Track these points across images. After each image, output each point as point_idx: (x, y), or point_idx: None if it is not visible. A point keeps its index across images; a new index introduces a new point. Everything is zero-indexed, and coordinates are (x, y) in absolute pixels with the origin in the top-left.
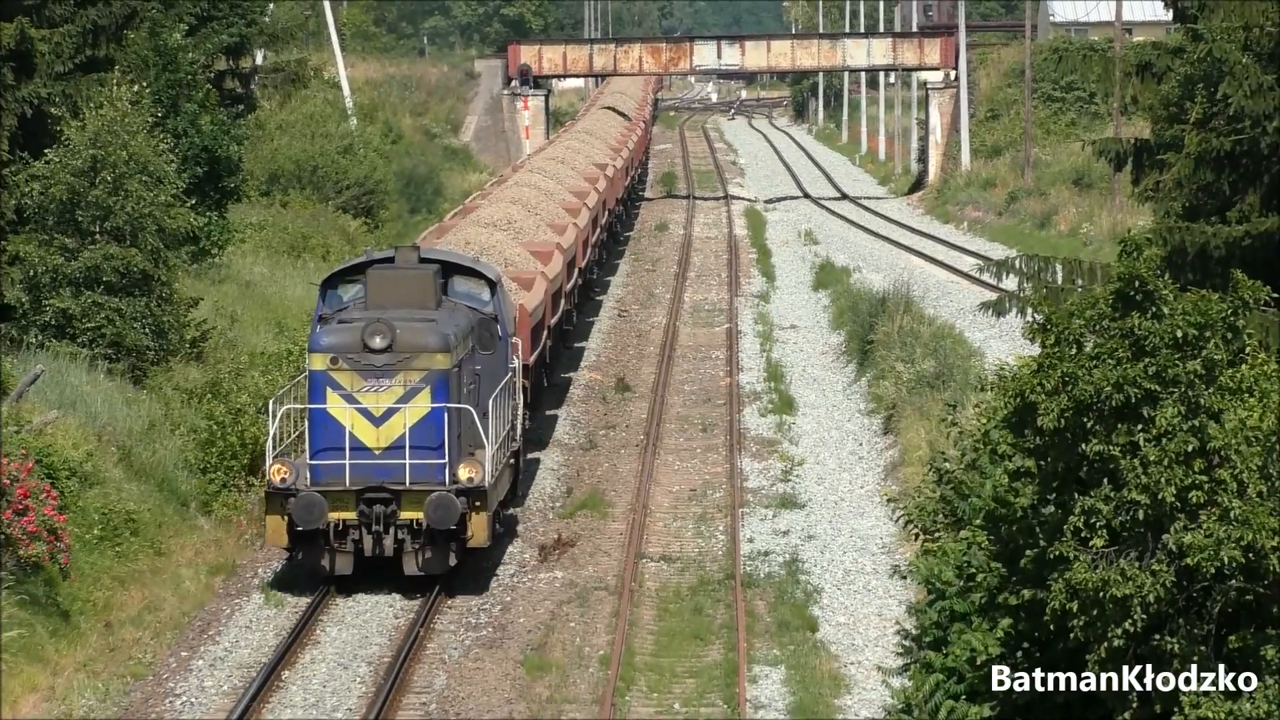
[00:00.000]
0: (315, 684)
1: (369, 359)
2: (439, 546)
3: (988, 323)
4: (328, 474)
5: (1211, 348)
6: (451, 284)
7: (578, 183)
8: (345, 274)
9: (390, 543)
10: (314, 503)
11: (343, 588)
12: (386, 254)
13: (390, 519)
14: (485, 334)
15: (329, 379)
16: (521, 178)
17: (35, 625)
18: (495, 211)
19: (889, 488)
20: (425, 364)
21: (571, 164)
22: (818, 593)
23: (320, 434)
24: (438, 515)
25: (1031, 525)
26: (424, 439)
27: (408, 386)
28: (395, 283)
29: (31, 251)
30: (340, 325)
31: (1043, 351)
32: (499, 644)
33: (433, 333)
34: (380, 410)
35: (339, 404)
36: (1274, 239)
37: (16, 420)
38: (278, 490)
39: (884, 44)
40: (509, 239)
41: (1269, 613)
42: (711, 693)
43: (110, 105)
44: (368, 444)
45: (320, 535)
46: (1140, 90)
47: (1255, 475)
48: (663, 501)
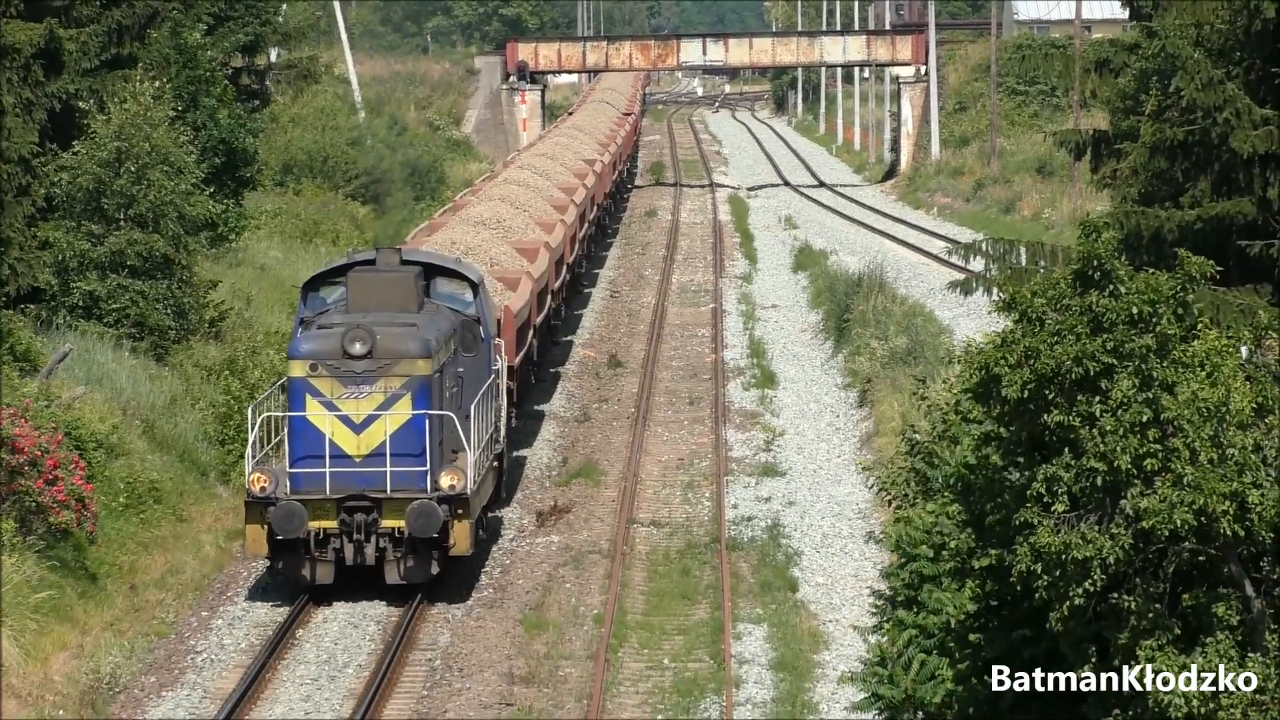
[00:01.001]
0: (327, 641)
1: (349, 365)
2: (421, 555)
3: (956, 301)
4: (308, 482)
5: (1164, 324)
6: (434, 286)
7: (566, 179)
8: (327, 276)
9: (372, 551)
10: (294, 512)
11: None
12: (368, 255)
13: (371, 527)
14: (468, 336)
15: (308, 386)
16: (511, 175)
17: (65, 587)
18: (484, 210)
19: (864, 457)
20: (406, 370)
21: (561, 160)
22: (798, 555)
23: (300, 442)
24: (419, 524)
25: (998, 490)
26: (405, 446)
27: (388, 393)
28: (377, 285)
29: (60, 237)
30: (320, 331)
31: (1007, 327)
32: (499, 604)
33: (413, 338)
34: (361, 417)
35: (319, 411)
36: (1224, 223)
37: (46, 395)
38: (257, 499)
39: (859, 41)
40: (496, 238)
41: (1220, 573)
42: (699, 649)
43: (134, 100)
44: (348, 451)
45: (301, 544)
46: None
47: (1206, 444)
48: (652, 470)
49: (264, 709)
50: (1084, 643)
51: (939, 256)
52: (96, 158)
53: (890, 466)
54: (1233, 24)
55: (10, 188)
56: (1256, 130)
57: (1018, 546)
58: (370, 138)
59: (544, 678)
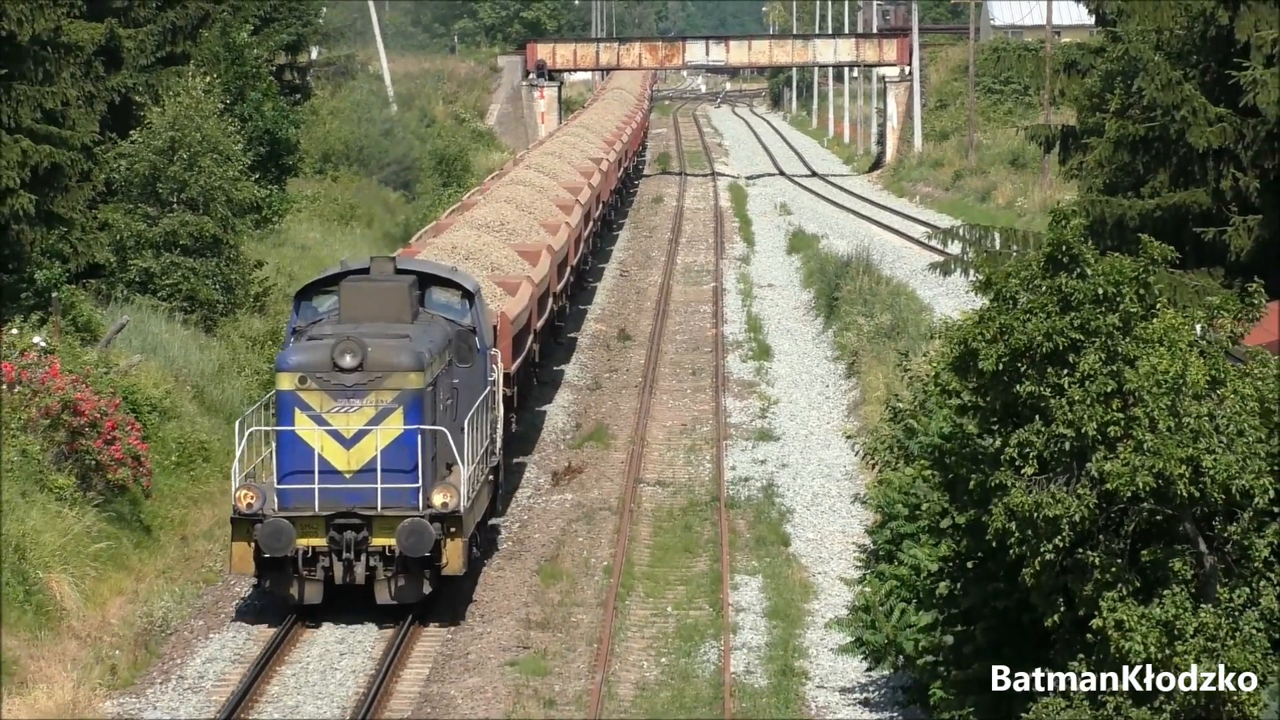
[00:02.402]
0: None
1: (339, 378)
2: (412, 574)
3: (936, 282)
4: (296, 498)
5: (1127, 303)
6: (429, 295)
7: (573, 179)
8: (320, 285)
9: (361, 570)
10: (281, 529)
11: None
12: (362, 264)
13: (361, 546)
14: (463, 346)
15: (297, 399)
16: (519, 174)
17: (121, 538)
18: (488, 212)
19: (850, 425)
20: (398, 384)
21: (568, 159)
22: (790, 513)
23: (288, 457)
24: (411, 542)
25: (974, 455)
26: (396, 462)
27: (379, 407)
28: (370, 295)
29: (119, 219)
30: (309, 343)
31: (983, 306)
32: (518, 556)
33: (405, 351)
34: (351, 432)
35: (308, 425)
36: (1181, 211)
37: (106, 363)
38: (244, 516)
39: (849, 44)
40: (499, 241)
41: (1176, 531)
42: (699, 598)
43: (186, 94)
44: (338, 467)
45: (288, 562)
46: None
47: (1165, 413)
48: (658, 435)
49: (303, 646)
50: (1053, 594)
51: (920, 241)
52: (152, 146)
53: (874, 434)
54: (1190, 30)
55: (73, 173)
56: (1211, 127)
57: (993, 507)
58: (401, 129)
59: (558, 623)
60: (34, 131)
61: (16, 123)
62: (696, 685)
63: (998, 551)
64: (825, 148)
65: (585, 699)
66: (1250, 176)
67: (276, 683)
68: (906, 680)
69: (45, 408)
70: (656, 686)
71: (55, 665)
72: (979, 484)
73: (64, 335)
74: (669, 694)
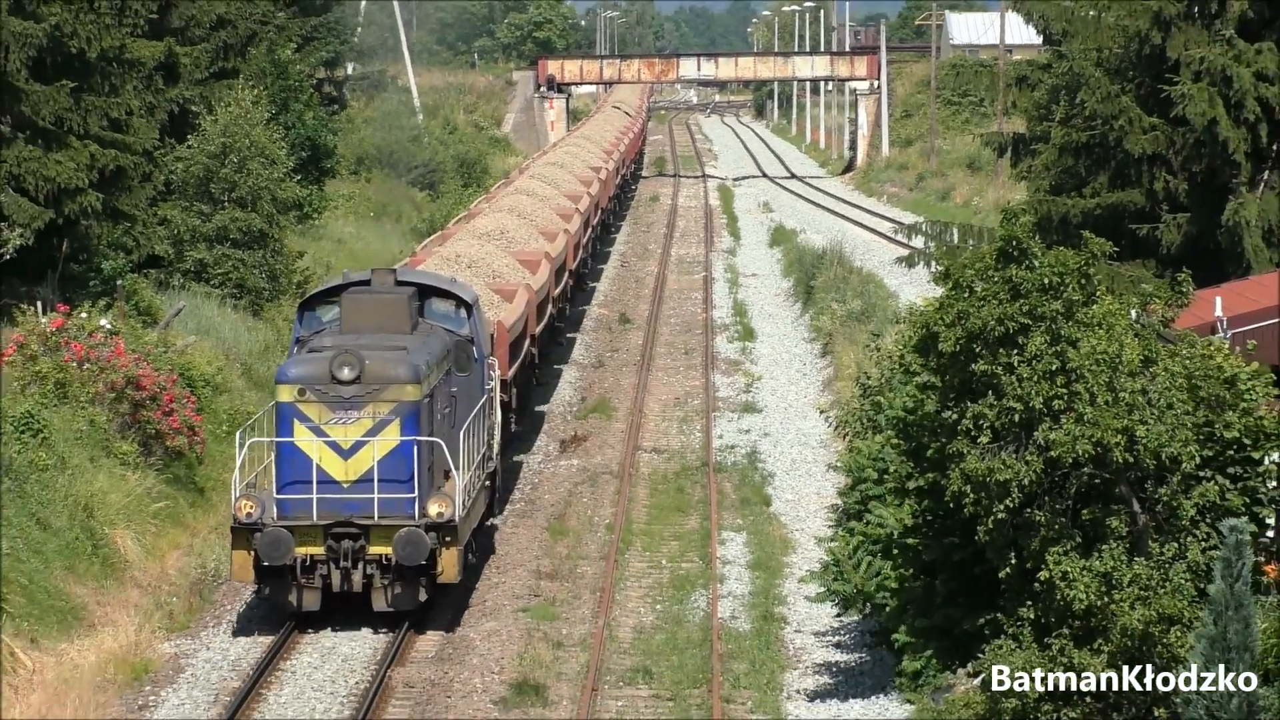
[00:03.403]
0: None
1: (337, 390)
2: (409, 582)
3: (901, 272)
4: (295, 508)
5: (1070, 291)
6: (429, 305)
7: (573, 187)
8: (323, 296)
9: (359, 578)
10: (280, 539)
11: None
12: (363, 276)
13: (359, 554)
14: (462, 355)
15: (296, 411)
16: (521, 184)
17: (178, 498)
18: (489, 222)
19: (824, 399)
20: (395, 395)
21: (569, 168)
22: (771, 477)
23: (287, 467)
24: (407, 551)
25: (934, 427)
26: (393, 472)
27: (376, 418)
28: (370, 306)
29: (176, 215)
30: (308, 356)
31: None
32: (530, 515)
33: (402, 363)
34: (349, 443)
35: (307, 436)
36: (1118, 210)
37: (164, 343)
38: (243, 525)
39: (824, 61)
40: (499, 250)
41: (1113, 493)
42: (691, 552)
43: (236, 104)
44: (336, 477)
45: (287, 571)
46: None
47: (1103, 388)
48: (654, 407)
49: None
50: (1004, 549)
51: (887, 235)
52: (206, 151)
53: (846, 407)
54: (1127, 49)
55: (136, 175)
56: (1145, 135)
57: (950, 471)
58: (427, 136)
59: (565, 574)
60: (101, 138)
61: (86, 130)
62: (688, 629)
63: (955, 511)
64: (803, 153)
65: (589, 641)
66: (1179, 179)
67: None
68: (874, 625)
69: (111, 383)
70: (652, 630)
71: (120, 611)
72: (938, 451)
73: (127, 318)
74: (663, 637)
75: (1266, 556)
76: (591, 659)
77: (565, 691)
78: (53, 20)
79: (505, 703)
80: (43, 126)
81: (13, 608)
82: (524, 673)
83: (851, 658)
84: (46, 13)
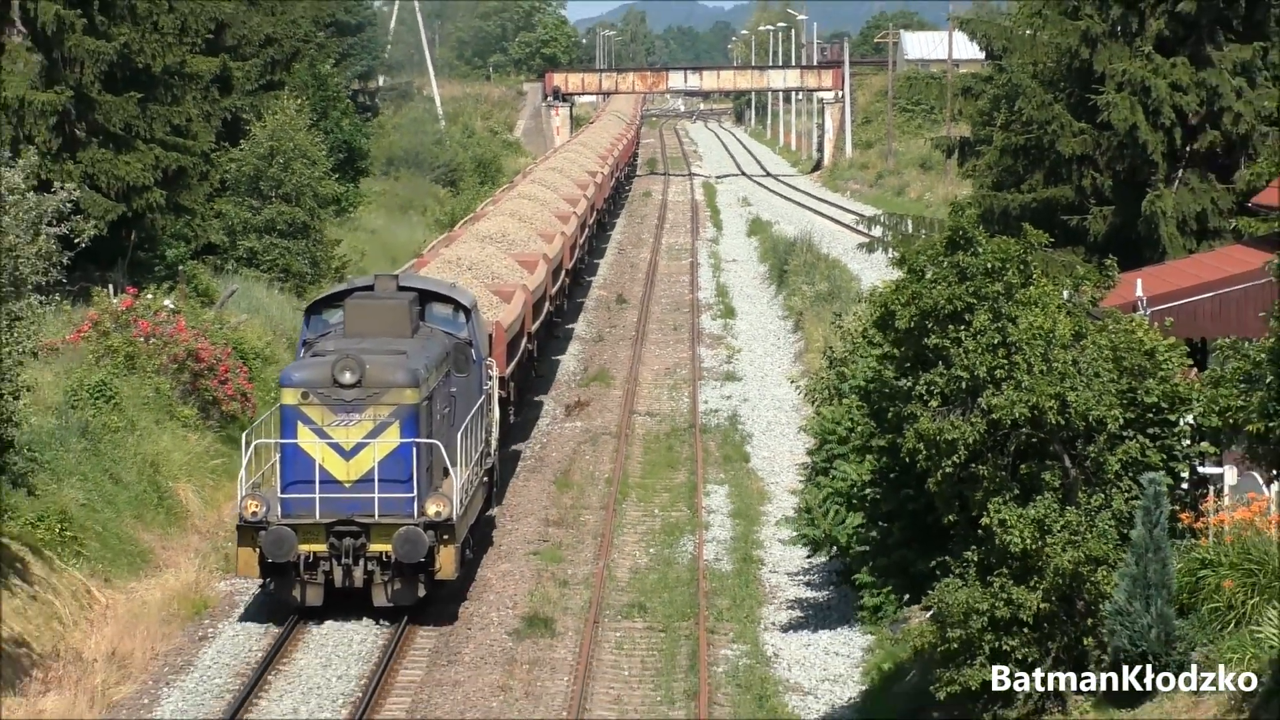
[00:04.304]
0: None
1: (339, 394)
2: (408, 578)
3: (862, 258)
4: (298, 507)
5: (1010, 275)
6: (429, 310)
7: (571, 190)
8: (328, 301)
9: (360, 574)
10: (284, 537)
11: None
12: (367, 282)
13: (360, 551)
14: (460, 357)
15: (300, 413)
16: (523, 189)
17: (232, 456)
18: (492, 225)
19: (795, 370)
20: (394, 399)
21: (568, 173)
22: (749, 437)
23: (291, 467)
24: (406, 550)
25: (892, 393)
26: (393, 473)
27: (377, 421)
28: (372, 312)
29: (229, 209)
30: (311, 360)
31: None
32: (539, 470)
33: (401, 368)
34: (350, 444)
35: (310, 438)
36: (1051, 204)
37: (220, 320)
38: (249, 524)
39: (795, 73)
40: (500, 252)
41: (1047, 450)
42: (680, 502)
43: (282, 112)
44: (338, 477)
45: (291, 567)
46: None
47: (1039, 359)
48: (647, 376)
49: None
50: (951, 499)
51: (850, 226)
52: (255, 153)
53: (814, 376)
54: (1059, 63)
55: (195, 174)
56: (1075, 138)
57: (905, 432)
58: (448, 139)
59: (570, 522)
60: (164, 141)
61: (151, 134)
62: (677, 569)
63: (909, 466)
64: (777, 154)
65: (591, 580)
66: (1105, 177)
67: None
68: (839, 566)
69: (173, 355)
70: (646, 570)
71: (181, 554)
72: (895, 414)
73: (188, 299)
74: (656, 576)
75: (1181, 506)
76: (593, 595)
77: (570, 624)
78: (122, 39)
79: (518, 634)
80: (113, 132)
81: (89, 552)
82: (534, 608)
83: (820, 594)
84: (116, 33)
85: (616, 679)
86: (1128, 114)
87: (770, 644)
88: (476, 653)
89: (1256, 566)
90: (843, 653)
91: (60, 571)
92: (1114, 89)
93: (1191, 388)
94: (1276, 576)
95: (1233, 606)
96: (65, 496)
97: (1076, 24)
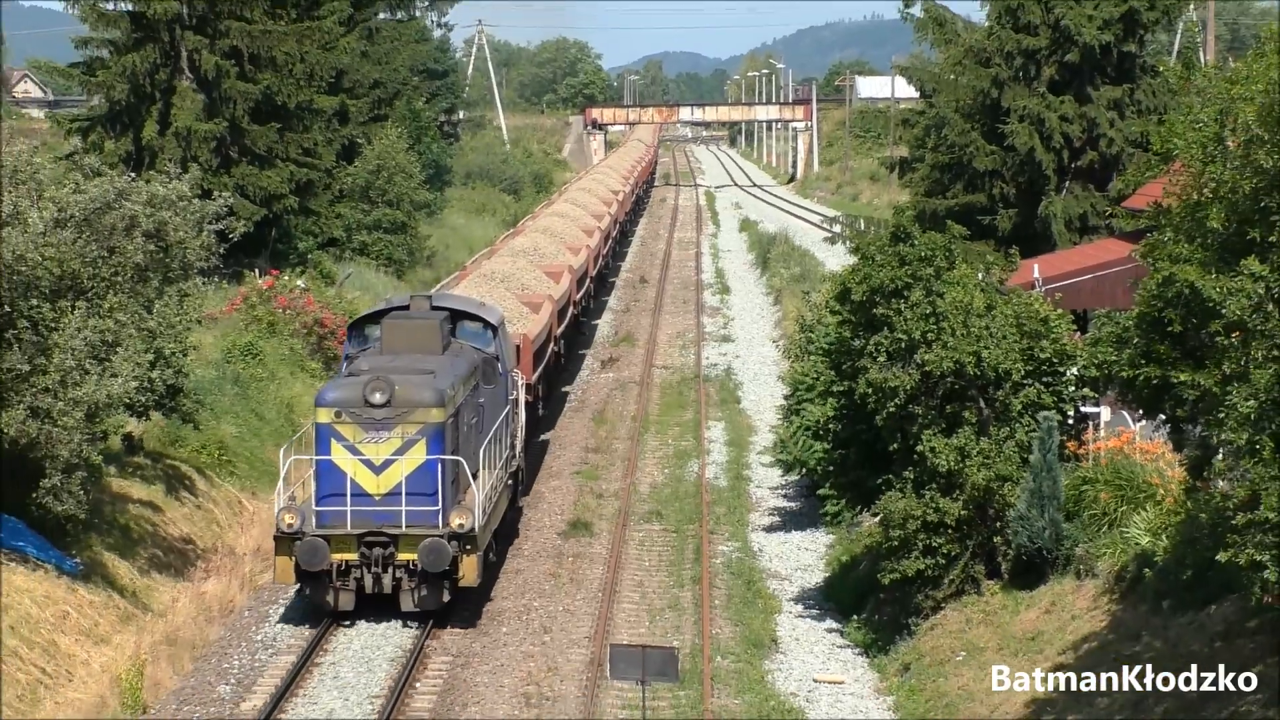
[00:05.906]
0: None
1: (370, 413)
2: (433, 585)
3: (826, 248)
4: (331, 519)
5: (939, 261)
6: (460, 327)
7: (597, 207)
8: (369, 319)
9: (389, 581)
10: (318, 547)
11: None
12: (403, 301)
13: (388, 560)
14: (489, 370)
15: (333, 431)
16: (558, 207)
17: None
18: (526, 240)
19: (775, 334)
20: (421, 418)
21: (595, 192)
22: (740, 385)
23: (325, 481)
24: (431, 559)
25: (849, 350)
26: (419, 486)
27: (405, 438)
28: (407, 330)
29: (346, 211)
30: (345, 380)
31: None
32: (580, 410)
33: (428, 388)
34: (380, 460)
35: (342, 454)
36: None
37: (339, 296)
38: (285, 535)
39: (775, 108)
40: (530, 265)
41: (967, 394)
42: (688, 434)
43: (386, 138)
44: (368, 491)
45: (325, 575)
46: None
47: (960, 325)
48: (663, 338)
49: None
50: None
51: (817, 224)
52: (366, 169)
53: (790, 339)
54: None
55: (320, 185)
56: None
57: (859, 380)
58: (512, 159)
59: (605, 449)
60: (297, 160)
61: (287, 155)
62: (685, 485)
63: (862, 407)
64: (762, 170)
65: (620, 492)
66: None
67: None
68: (807, 483)
69: (304, 323)
70: (662, 485)
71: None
72: (851, 367)
73: (314, 280)
74: (669, 490)
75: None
76: (622, 505)
77: (604, 528)
78: (264, 83)
79: (564, 534)
80: (258, 153)
81: (240, 472)
82: (577, 514)
83: (793, 504)
84: (261, 78)
85: (640, 568)
86: (1027, 139)
87: (756, 542)
88: (534, 548)
89: (1125, 483)
90: (810, 548)
91: (218, 487)
92: (1017, 120)
93: (1076, 347)
94: (1140, 490)
95: (1107, 513)
96: (222, 430)
97: (989, 71)
